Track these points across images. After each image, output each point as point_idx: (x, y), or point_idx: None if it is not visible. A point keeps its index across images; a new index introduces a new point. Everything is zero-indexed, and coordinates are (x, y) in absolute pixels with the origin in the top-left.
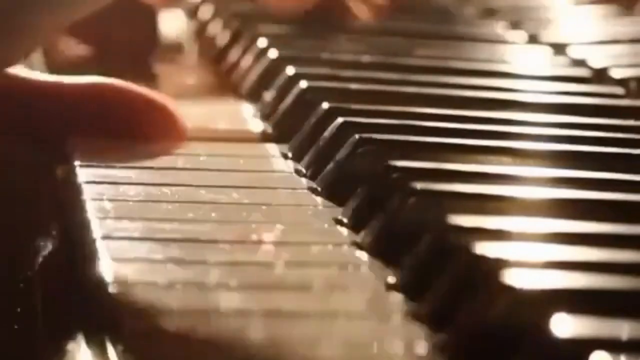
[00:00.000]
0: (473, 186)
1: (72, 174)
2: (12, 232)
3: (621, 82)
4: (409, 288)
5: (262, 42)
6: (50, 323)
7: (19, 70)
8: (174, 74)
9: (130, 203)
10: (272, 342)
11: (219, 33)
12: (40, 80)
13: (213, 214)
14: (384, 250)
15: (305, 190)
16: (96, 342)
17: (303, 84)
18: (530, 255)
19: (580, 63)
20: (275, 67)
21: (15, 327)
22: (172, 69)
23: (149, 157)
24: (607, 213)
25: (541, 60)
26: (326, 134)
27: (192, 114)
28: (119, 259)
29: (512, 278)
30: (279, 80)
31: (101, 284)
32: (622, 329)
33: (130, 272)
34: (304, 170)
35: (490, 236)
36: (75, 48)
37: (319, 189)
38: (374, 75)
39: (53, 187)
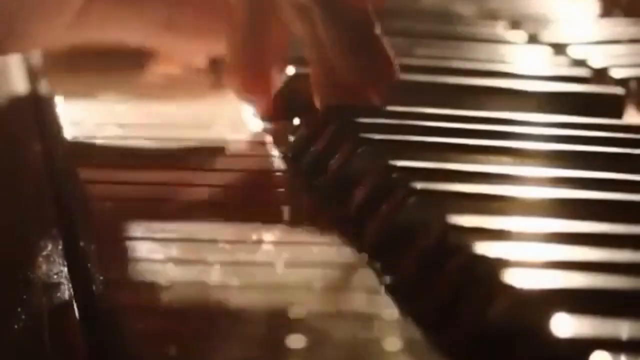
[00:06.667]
0: (473, 186)
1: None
2: (12, 232)
3: (621, 82)
4: (409, 288)
5: None
6: (51, 323)
7: None
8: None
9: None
10: (272, 341)
11: None
12: None
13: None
14: (383, 250)
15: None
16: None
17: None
18: (530, 255)
19: (580, 63)
20: None
21: (15, 327)
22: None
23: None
24: (607, 213)
25: (541, 60)
26: (326, 134)
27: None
28: (119, 258)
29: (512, 278)
30: None
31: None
32: (622, 329)
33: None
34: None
35: (490, 236)
36: None
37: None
38: None
39: (54, 186)
